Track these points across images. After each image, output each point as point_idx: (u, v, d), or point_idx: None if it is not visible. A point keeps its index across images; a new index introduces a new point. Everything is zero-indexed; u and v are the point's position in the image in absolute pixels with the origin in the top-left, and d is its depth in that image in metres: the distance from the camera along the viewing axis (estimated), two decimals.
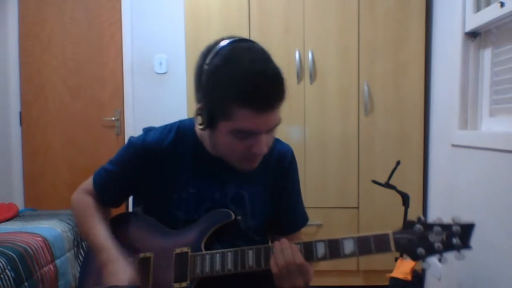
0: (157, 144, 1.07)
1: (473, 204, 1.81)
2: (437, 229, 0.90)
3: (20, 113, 3.35)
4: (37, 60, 3.33)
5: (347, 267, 2.52)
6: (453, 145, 2.06)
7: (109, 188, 1.13)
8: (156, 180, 1.08)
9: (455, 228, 0.90)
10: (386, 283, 2.04)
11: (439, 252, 0.90)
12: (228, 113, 0.90)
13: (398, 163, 2.03)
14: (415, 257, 0.91)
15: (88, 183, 1.16)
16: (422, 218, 0.92)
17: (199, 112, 0.96)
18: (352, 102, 2.50)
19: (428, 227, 0.91)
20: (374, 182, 2.10)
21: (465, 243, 0.89)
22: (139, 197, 1.21)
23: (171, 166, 1.08)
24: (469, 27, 1.91)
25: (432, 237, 0.90)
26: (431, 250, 0.90)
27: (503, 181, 1.59)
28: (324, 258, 0.95)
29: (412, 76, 2.47)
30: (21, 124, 3.36)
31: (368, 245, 0.93)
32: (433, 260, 0.91)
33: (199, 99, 0.96)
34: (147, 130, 1.14)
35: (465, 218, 0.92)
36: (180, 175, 1.08)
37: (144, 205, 1.17)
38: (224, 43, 0.93)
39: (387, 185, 2.05)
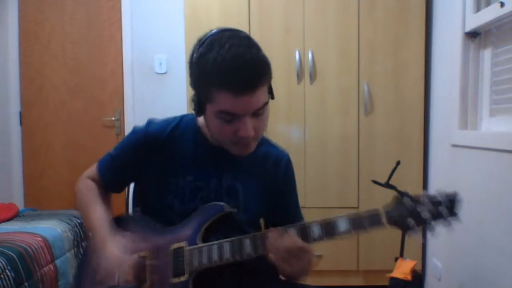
0: (159, 132, 1.12)
1: (473, 204, 1.81)
2: (424, 199, 0.96)
3: (20, 113, 3.35)
4: (37, 60, 3.33)
5: (347, 267, 2.52)
6: (453, 145, 2.06)
7: (112, 171, 1.17)
8: (156, 168, 1.11)
9: (441, 198, 0.95)
10: (386, 283, 2.04)
11: (428, 221, 0.95)
12: (210, 96, 0.95)
13: (398, 163, 2.04)
14: (406, 228, 0.95)
15: (91, 170, 1.20)
16: (409, 192, 0.98)
17: (192, 98, 1.02)
18: (352, 102, 2.50)
19: (416, 199, 0.97)
20: (374, 182, 2.10)
21: (451, 212, 0.95)
22: (139, 187, 1.23)
23: (171, 154, 1.11)
24: (469, 27, 1.91)
25: (420, 208, 0.95)
26: (420, 220, 0.95)
27: (503, 181, 1.59)
28: (320, 238, 0.98)
29: (412, 76, 2.47)
30: (21, 124, 3.35)
31: (361, 222, 0.97)
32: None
33: (191, 87, 1.02)
34: (150, 120, 1.16)
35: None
36: (179, 163, 1.11)
37: (143, 199, 1.19)
38: (209, 33, 0.98)
39: (387, 185, 2.05)
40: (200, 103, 0.99)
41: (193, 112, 1.04)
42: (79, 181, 1.19)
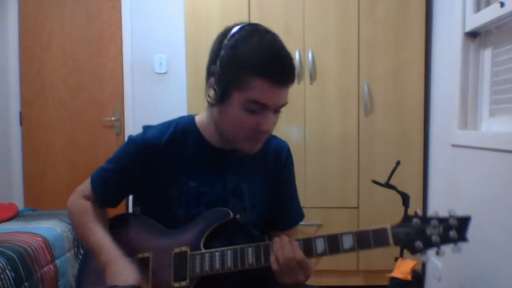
0: (156, 140, 1.08)
1: (473, 204, 1.81)
2: (434, 222, 0.92)
3: (20, 113, 3.35)
4: (37, 60, 3.33)
5: (347, 267, 2.52)
6: (453, 145, 2.06)
7: (107, 186, 1.13)
8: (157, 177, 1.08)
9: (451, 221, 0.91)
10: (386, 283, 2.04)
11: (437, 244, 0.91)
12: (244, 83, 0.94)
13: (398, 163, 2.03)
14: (413, 250, 0.92)
15: (85, 186, 1.15)
16: (419, 212, 0.94)
17: (212, 86, 0.98)
18: (352, 102, 2.50)
19: (425, 220, 0.93)
20: (374, 182, 2.10)
21: (461, 236, 0.91)
22: (139, 196, 1.20)
23: (171, 161, 1.08)
24: (469, 27, 1.91)
25: (429, 230, 0.92)
26: (428, 243, 0.92)
27: (503, 181, 1.59)
28: (323, 253, 0.96)
29: (412, 76, 2.47)
30: (21, 124, 3.36)
31: (367, 240, 0.94)
32: (432, 258, 0.92)
33: (213, 73, 0.98)
34: (146, 128, 1.13)
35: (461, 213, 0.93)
36: (180, 169, 1.08)
37: (144, 204, 1.17)
38: (242, 24, 0.99)
39: (387, 185, 2.05)
40: (226, 90, 0.96)
41: (208, 99, 1.00)
42: (71, 199, 1.15)
